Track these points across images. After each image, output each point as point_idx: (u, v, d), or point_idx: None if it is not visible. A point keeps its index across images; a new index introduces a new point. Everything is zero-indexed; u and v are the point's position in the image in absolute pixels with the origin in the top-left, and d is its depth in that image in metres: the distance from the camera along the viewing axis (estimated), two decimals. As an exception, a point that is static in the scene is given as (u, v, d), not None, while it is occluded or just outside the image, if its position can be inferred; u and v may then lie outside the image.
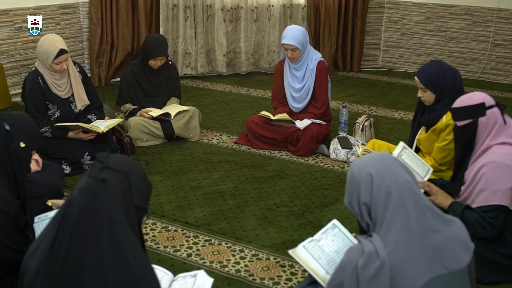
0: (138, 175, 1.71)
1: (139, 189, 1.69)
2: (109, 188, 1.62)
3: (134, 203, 1.66)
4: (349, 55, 6.84)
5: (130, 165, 1.71)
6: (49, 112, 3.87)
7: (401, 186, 1.81)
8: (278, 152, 4.26)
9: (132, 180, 1.67)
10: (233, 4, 6.41)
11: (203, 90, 6.06)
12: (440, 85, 3.22)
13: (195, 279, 2.08)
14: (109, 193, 1.61)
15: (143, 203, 1.71)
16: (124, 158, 1.75)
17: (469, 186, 2.62)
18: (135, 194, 1.67)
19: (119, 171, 1.66)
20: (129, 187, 1.66)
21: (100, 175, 1.63)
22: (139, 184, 1.69)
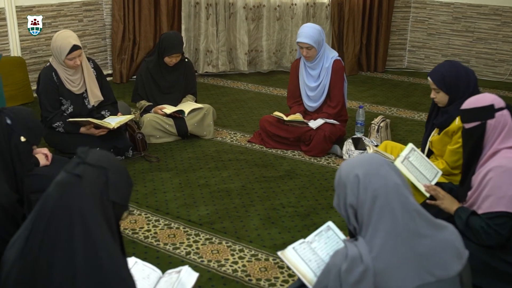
0: (116, 171, 1.69)
1: (116, 185, 1.66)
2: (84, 183, 1.60)
3: (111, 200, 1.64)
4: (374, 55, 6.72)
5: (109, 161, 1.69)
6: (63, 107, 3.91)
7: (389, 190, 1.74)
8: (291, 151, 4.20)
9: (109, 176, 1.65)
10: (255, 2, 6.37)
11: (223, 88, 6.04)
12: (453, 86, 3.12)
13: (179, 275, 2.06)
14: (84, 189, 1.60)
15: (121, 199, 1.69)
16: (104, 154, 1.73)
17: (476, 191, 2.53)
18: (112, 190, 1.65)
19: (97, 167, 1.64)
20: (106, 183, 1.64)
21: (76, 171, 1.61)
22: (117, 181, 1.67)
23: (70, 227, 1.56)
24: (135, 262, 2.17)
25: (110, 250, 1.59)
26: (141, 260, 2.19)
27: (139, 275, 2.10)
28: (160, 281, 2.11)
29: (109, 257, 1.58)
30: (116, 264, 1.59)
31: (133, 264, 2.14)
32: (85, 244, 1.55)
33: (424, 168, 2.89)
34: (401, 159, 2.84)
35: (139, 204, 3.35)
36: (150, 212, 3.24)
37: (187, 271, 2.08)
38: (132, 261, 2.15)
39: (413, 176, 2.78)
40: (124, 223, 3.12)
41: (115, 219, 1.69)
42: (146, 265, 2.18)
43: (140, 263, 2.18)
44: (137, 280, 2.08)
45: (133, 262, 2.15)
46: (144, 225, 3.10)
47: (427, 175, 2.87)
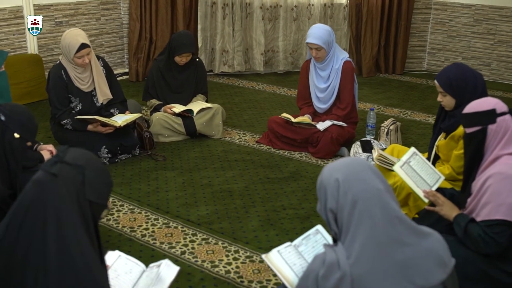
0: (94, 170, 1.68)
1: (93, 184, 1.66)
2: (60, 182, 1.60)
3: (87, 198, 1.64)
4: (392, 56, 6.63)
5: (87, 160, 1.69)
6: (72, 104, 3.95)
7: (369, 195, 1.70)
8: (298, 153, 4.17)
9: (86, 175, 1.65)
10: (272, 2, 6.35)
11: (238, 88, 6.04)
12: (460, 89, 3.04)
13: (159, 269, 2.05)
14: (59, 188, 1.60)
15: (98, 198, 1.68)
16: (83, 153, 1.72)
17: (475, 197, 2.46)
18: (88, 190, 1.65)
19: (74, 166, 1.64)
20: (82, 182, 1.64)
21: (52, 169, 1.62)
22: (94, 180, 1.67)
23: (44, 226, 1.57)
24: (118, 256, 2.17)
25: (83, 249, 1.59)
26: (125, 254, 2.19)
27: (122, 269, 2.10)
28: (142, 275, 2.11)
29: (82, 256, 1.58)
30: (88, 263, 1.59)
31: (116, 258, 2.14)
32: (58, 243, 1.55)
33: (425, 173, 2.83)
34: (401, 163, 2.79)
35: (141, 202, 3.36)
36: (150, 211, 3.25)
37: (167, 265, 2.07)
38: (115, 255, 2.15)
39: (411, 181, 2.72)
40: (123, 221, 3.13)
41: (92, 217, 1.69)
42: (129, 259, 2.17)
43: (124, 257, 2.17)
44: (119, 275, 2.09)
45: (116, 256, 2.15)
46: (143, 224, 3.11)
47: (428, 180, 2.80)
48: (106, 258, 2.16)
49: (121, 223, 3.11)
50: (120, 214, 3.21)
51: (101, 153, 3.88)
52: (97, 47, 6.03)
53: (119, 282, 2.06)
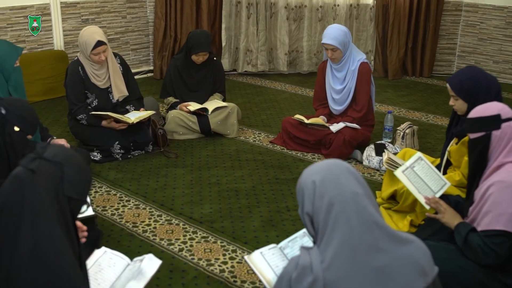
0: (73, 167, 1.69)
1: (72, 180, 1.67)
2: (38, 178, 1.62)
3: (66, 195, 1.66)
4: (419, 59, 6.49)
5: (66, 157, 1.70)
6: (88, 100, 4.02)
7: (345, 198, 1.66)
8: (311, 154, 4.12)
9: (65, 172, 1.66)
10: (297, 2, 6.31)
11: (260, 88, 6.02)
12: (472, 93, 2.95)
13: (141, 263, 2.06)
14: (37, 184, 1.62)
15: (77, 194, 1.69)
16: (62, 149, 1.74)
17: (477, 206, 2.38)
18: (67, 186, 1.66)
19: (53, 162, 1.66)
20: (61, 179, 1.66)
21: (31, 165, 1.63)
22: (73, 176, 1.68)
23: (19, 221, 1.58)
24: (104, 251, 2.19)
25: (58, 245, 1.60)
26: (111, 250, 2.21)
27: (106, 263, 2.13)
28: (126, 269, 2.13)
29: (55, 251, 1.59)
30: (62, 259, 1.60)
31: (101, 254, 2.17)
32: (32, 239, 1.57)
33: (430, 179, 2.76)
34: (403, 168, 2.73)
35: (146, 198, 3.39)
36: (155, 207, 3.27)
37: (149, 258, 2.08)
38: (101, 251, 2.18)
39: (413, 186, 2.66)
40: (127, 216, 3.17)
41: (71, 213, 1.70)
42: (114, 253, 2.19)
43: (109, 252, 2.20)
44: (103, 268, 2.11)
45: (102, 252, 2.18)
46: (146, 219, 3.13)
47: (432, 186, 2.73)
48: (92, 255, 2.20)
49: (124, 218, 3.14)
50: (125, 209, 3.25)
51: (114, 148, 3.93)
52: (123, 45, 6.12)
53: (102, 275, 2.09)
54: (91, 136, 3.98)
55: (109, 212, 3.21)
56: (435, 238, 2.63)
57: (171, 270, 2.65)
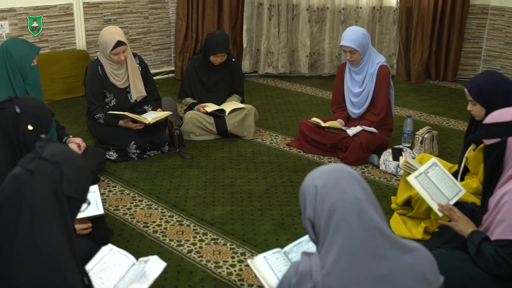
0: (72, 165, 1.69)
1: (71, 180, 1.67)
2: (37, 179, 1.62)
3: (65, 194, 1.66)
4: (443, 63, 6.37)
5: (64, 156, 1.70)
6: (106, 100, 4.05)
7: (347, 204, 1.62)
8: (328, 158, 4.08)
9: (64, 171, 1.66)
10: (320, 4, 6.26)
11: (280, 90, 5.99)
12: (491, 98, 2.88)
13: (145, 265, 2.05)
14: (35, 184, 1.61)
15: (76, 193, 1.69)
16: (61, 148, 1.73)
17: (491, 214, 2.31)
18: (66, 185, 1.66)
19: (51, 162, 1.66)
20: (60, 178, 1.66)
21: (29, 166, 1.64)
22: (72, 175, 1.67)
23: (17, 222, 1.59)
24: (110, 249, 2.19)
25: (55, 244, 1.60)
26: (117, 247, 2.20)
27: (111, 262, 2.12)
28: (131, 269, 2.12)
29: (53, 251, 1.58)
30: (60, 259, 1.60)
31: (107, 252, 2.17)
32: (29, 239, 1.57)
33: (444, 185, 2.69)
34: (417, 174, 2.67)
35: (159, 198, 3.39)
36: (167, 208, 3.27)
37: (154, 261, 2.07)
38: (107, 249, 2.18)
39: (426, 193, 2.60)
40: (138, 216, 3.17)
41: (71, 212, 1.70)
42: (120, 252, 2.19)
43: (115, 250, 2.19)
44: (108, 267, 2.11)
45: (108, 250, 2.18)
46: (157, 220, 3.13)
47: (446, 193, 2.67)
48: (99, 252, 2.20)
49: (136, 218, 3.15)
50: (138, 209, 3.26)
51: (129, 148, 3.95)
52: (144, 45, 6.16)
53: (107, 274, 2.09)
54: (108, 136, 4.00)
55: (121, 211, 3.22)
56: (449, 246, 2.57)
57: (179, 272, 2.64)
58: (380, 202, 3.30)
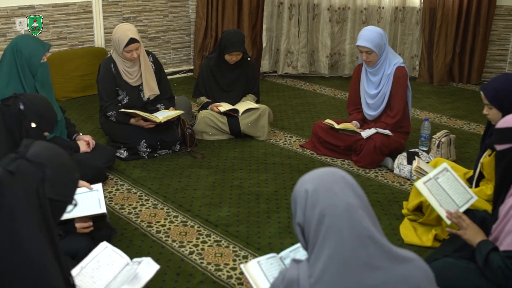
0: (56, 167, 1.65)
1: (53, 181, 1.63)
2: (17, 180, 1.58)
3: (47, 196, 1.62)
4: (467, 65, 6.20)
5: (48, 156, 1.66)
6: (119, 97, 4.04)
7: (338, 210, 1.55)
8: (341, 160, 3.99)
9: (46, 173, 1.62)
10: (341, 4, 6.16)
11: (298, 90, 5.92)
12: (508, 102, 2.77)
13: (138, 266, 2.01)
14: (15, 186, 1.58)
15: (60, 195, 1.65)
16: (47, 147, 1.69)
17: (500, 223, 2.21)
18: (48, 187, 1.61)
19: (34, 163, 1.62)
20: (42, 180, 1.62)
21: (10, 166, 1.60)
22: (55, 177, 1.63)
23: None
24: (105, 247, 2.16)
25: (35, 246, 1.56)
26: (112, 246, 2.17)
27: (104, 260, 2.09)
28: (124, 269, 2.08)
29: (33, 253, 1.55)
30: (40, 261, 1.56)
31: (102, 249, 2.13)
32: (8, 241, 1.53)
33: (454, 191, 2.59)
34: (426, 179, 2.57)
35: (166, 198, 3.36)
36: (172, 208, 3.24)
37: (147, 263, 2.02)
38: (102, 246, 2.14)
39: (434, 199, 2.50)
40: (143, 215, 3.14)
41: (53, 215, 1.66)
42: (115, 250, 2.15)
43: (110, 249, 2.16)
44: (101, 266, 2.07)
45: (103, 247, 2.14)
46: (161, 220, 3.10)
47: (456, 200, 2.56)
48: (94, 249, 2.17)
49: (140, 217, 3.12)
50: (143, 208, 3.23)
51: (140, 147, 3.93)
52: (163, 44, 6.16)
53: (99, 273, 2.05)
54: (119, 134, 3.99)
55: (126, 210, 3.20)
56: (458, 255, 2.47)
57: (178, 274, 2.59)
58: (391, 207, 3.25)
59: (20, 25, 5.08)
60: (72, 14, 5.40)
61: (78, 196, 2.76)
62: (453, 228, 2.48)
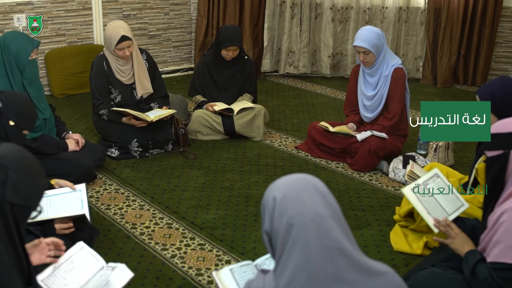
0: (20, 169, 1.59)
1: (16, 185, 1.57)
2: None
3: (7, 200, 1.56)
4: (472, 67, 6.08)
5: (14, 159, 1.60)
6: (111, 96, 3.98)
7: (306, 219, 1.47)
8: (336, 163, 3.91)
9: (9, 175, 1.57)
10: (344, 3, 6.07)
11: (299, 90, 5.83)
12: (504, 107, 2.68)
13: (111, 272, 1.95)
14: None
15: (22, 200, 1.59)
16: (12, 149, 1.63)
17: (488, 233, 2.12)
18: (9, 191, 1.56)
19: None
20: (3, 183, 1.56)
21: None
22: (18, 180, 1.58)
23: None
24: (81, 247, 2.10)
25: None
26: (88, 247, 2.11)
27: (79, 262, 2.03)
28: (97, 273, 2.02)
29: None
30: None
31: (77, 250, 2.08)
32: None
33: (444, 198, 2.50)
34: (414, 185, 2.49)
35: (153, 199, 3.30)
36: (159, 209, 3.18)
37: (120, 269, 1.96)
38: (78, 247, 2.09)
39: (422, 206, 2.42)
40: (129, 216, 3.09)
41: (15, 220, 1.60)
42: (91, 252, 2.09)
43: (86, 250, 2.10)
44: (74, 267, 2.02)
45: (78, 248, 2.09)
46: (146, 221, 3.04)
47: (446, 207, 2.48)
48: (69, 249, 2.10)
49: (126, 218, 3.06)
50: (129, 209, 3.17)
51: (131, 146, 3.87)
52: (164, 41, 6.10)
53: (72, 276, 2.00)
54: (111, 132, 3.94)
55: (112, 211, 3.14)
56: (445, 265, 2.38)
57: (158, 278, 2.53)
58: (384, 212, 3.17)
59: (18, 21, 5.05)
60: (71, 11, 5.35)
61: (60, 196, 2.74)
62: (441, 237, 2.40)
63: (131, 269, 1.98)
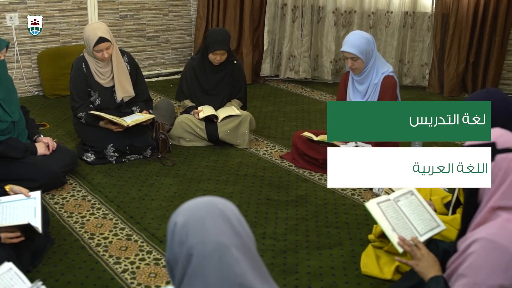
0: None
1: None
2: None
3: None
4: (481, 76, 5.81)
5: None
6: (91, 98, 3.87)
7: (206, 250, 1.30)
8: (320, 175, 3.72)
9: None
10: (347, 7, 5.86)
11: (297, 96, 5.65)
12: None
13: None
14: None
15: None
16: None
17: (457, 260, 1.91)
18: None
19: None
20: None
21: None
22: None
23: None
24: (9, 268, 1.97)
25: None
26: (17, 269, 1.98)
27: (4, 284, 1.91)
28: None
29: None
30: None
31: (5, 271, 1.95)
32: None
33: (417, 217, 2.30)
34: (382, 199, 2.30)
35: (119, 208, 3.16)
36: (122, 219, 3.04)
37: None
38: (6, 267, 1.96)
39: (387, 222, 2.22)
40: (89, 225, 2.95)
41: None
42: (19, 275, 1.96)
43: (13, 272, 1.97)
44: None
45: (6, 268, 1.96)
46: (106, 232, 2.90)
47: (418, 226, 2.28)
48: None
49: (85, 227, 2.93)
50: (92, 218, 3.04)
51: (107, 151, 3.75)
52: (162, 43, 5.99)
53: None
54: (89, 136, 3.83)
55: (73, 219, 3.02)
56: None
57: (102, 294, 2.39)
58: (360, 231, 2.97)
59: (10, 20, 4.98)
60: (65, 11, 5.27)
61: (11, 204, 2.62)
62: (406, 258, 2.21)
63: (77, 284, 1.83)
